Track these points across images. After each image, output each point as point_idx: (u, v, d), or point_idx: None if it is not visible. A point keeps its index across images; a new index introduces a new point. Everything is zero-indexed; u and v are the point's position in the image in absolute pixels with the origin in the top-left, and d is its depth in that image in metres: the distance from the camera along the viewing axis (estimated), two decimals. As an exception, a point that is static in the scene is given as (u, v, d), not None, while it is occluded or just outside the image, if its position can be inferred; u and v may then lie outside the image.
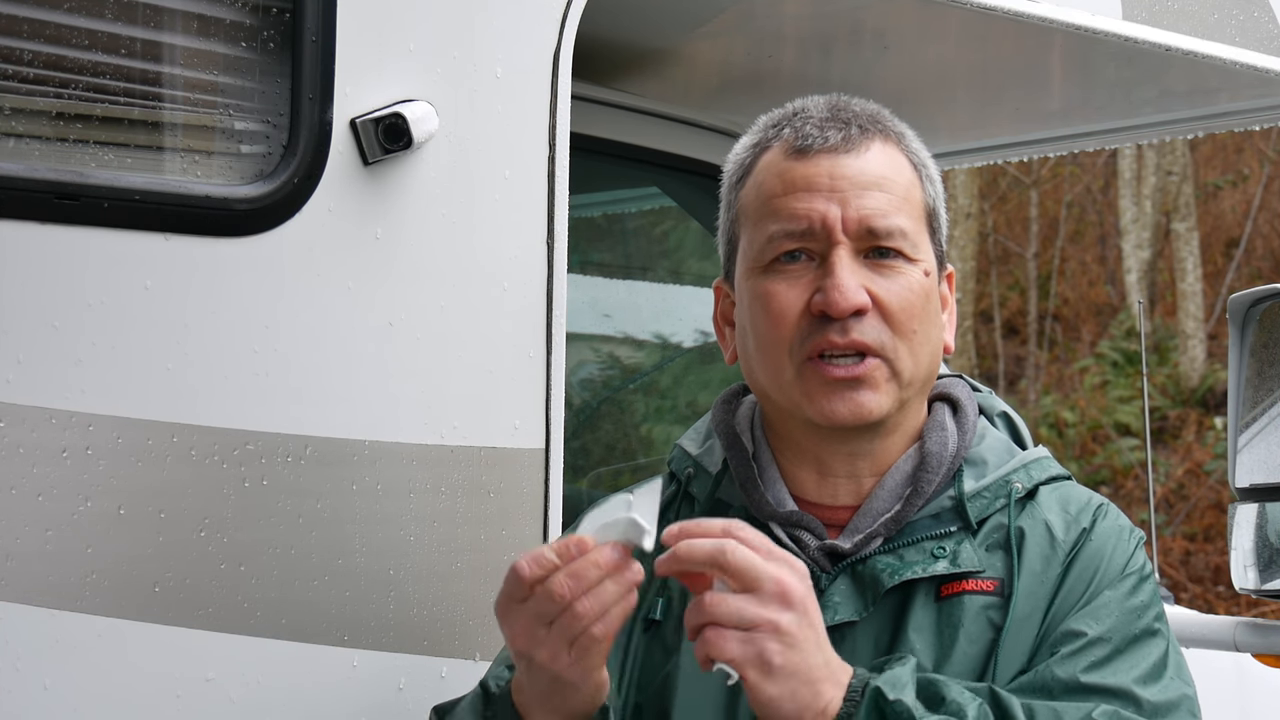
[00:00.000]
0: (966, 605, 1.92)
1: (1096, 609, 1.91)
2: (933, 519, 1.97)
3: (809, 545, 1.97)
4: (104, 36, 2.03)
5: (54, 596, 1.94)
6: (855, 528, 1.98)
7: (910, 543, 1.95)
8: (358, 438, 2.18)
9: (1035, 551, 1.95)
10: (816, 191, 1.95)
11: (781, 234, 1.96)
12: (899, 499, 1.99)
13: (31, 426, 1.92)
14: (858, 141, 1.98)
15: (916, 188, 2.01)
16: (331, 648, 2.16)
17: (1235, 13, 3.34)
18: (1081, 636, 1.88)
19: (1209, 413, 15.23)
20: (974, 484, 1.99)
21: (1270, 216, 17.84)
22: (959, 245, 16.52)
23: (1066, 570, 1.94)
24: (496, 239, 2.32)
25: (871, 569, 1.94)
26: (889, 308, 1.93)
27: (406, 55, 2.23)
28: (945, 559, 1.93)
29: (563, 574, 1.74)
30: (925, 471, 1.99)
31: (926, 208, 2.01)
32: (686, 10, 3.05)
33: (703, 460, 2.09)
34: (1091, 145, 4.24)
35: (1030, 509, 1.99)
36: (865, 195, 1.95)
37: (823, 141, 1.97)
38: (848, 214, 1.94)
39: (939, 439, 2.01)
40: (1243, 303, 3.33)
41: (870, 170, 1.96)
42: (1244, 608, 10.89)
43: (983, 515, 1.97)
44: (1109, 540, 1.97)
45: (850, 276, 1.92)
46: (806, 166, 1.97)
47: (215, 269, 2.07)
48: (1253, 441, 3.30)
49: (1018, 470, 2.01)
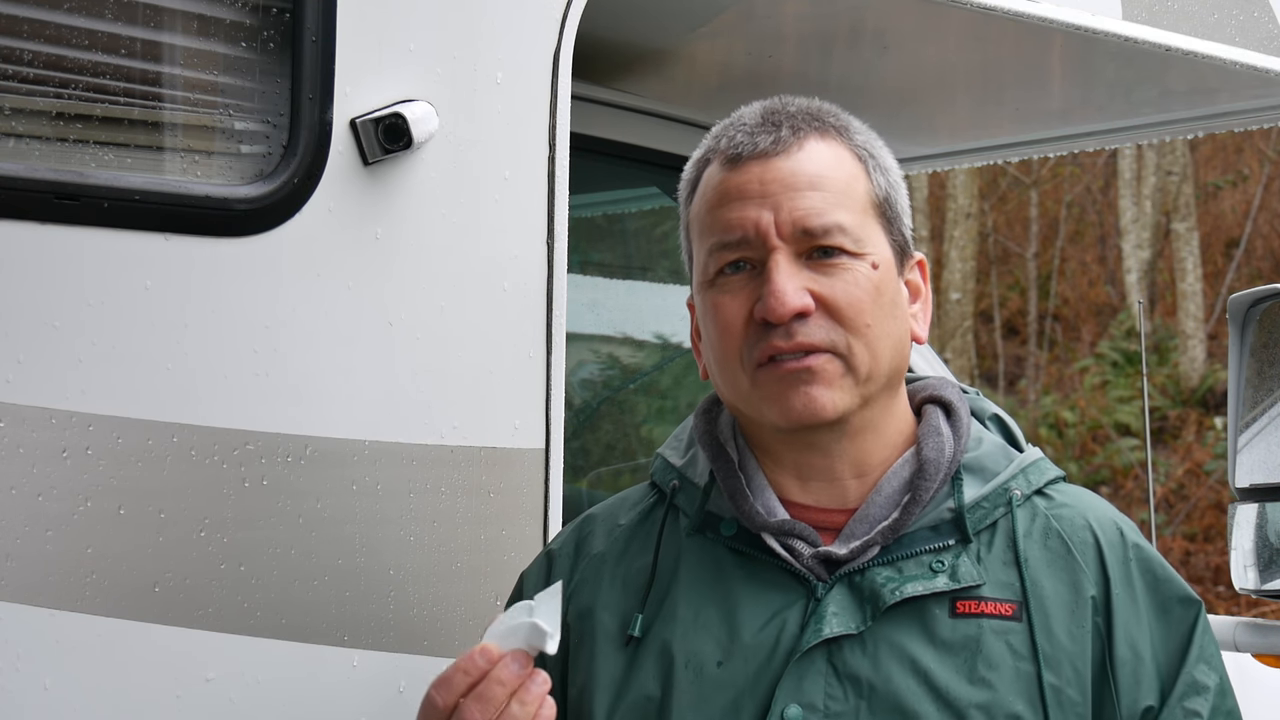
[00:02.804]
0: (984, 628, 1.89)
1: (1203, 654, 1.94)
2: (931, 530, 1.94)
3: (803, 554, 1.94)
4: (104, 36, 2.03)
5: (54, 596, 1.94)
6: (850, 534, 1.96)
7: (908, 555, 1.92)
8: (358, 438, 2.18)
9: (1048, 568, 1.93)
10: (749, 199, 1.94)
11: (719, 246, 1.95)
12: (896, 506, 1.96)
13: (31, 426, 1.92)
14: (788, 143, 1.96)
15: (860, 179, 1.97)
16: (331, 648, 2.16)
17: (1235, 13, 3.34)
18: (1207, 690, 1.92)
19: (1209, 413, 15.23)
20: (974, 493, 1.96)
21: (1270, 216, 17.85)
22: (959, 245, 16.53)
23: (1108, 592, 1.93)
24: (496, 239, 2.32)
25: (870, 581, 1.91)
26: (835, 306, 1.91)
27: (406, 55, 2.23)
28: (945, 574, 1.91)
29: (470, 700, 1.77)
30: (923, 479, 1.96)
31: (875, 198, 1.98)
32: (686, 10, 3.05)
33: (687, 472, 2.06)
34: (1091, 145, 4.24)
35: (1034, 516, 1.97)
36: (798, 197, 1.93)
37: (752, 148, 1.96)
38: (780, 218, 1.92)
39: (935, 445, 1.99)
40: (1243, 303, 3.33)
41: (802, 170, 1.94)
42: (1244, 608, 10.89)
43: (980, 526, 1.95)
44: (1144, 555, 1.98)
45: (788, 281, 1.90)
46: (738, 175, 1.96)
47: (215, 269, 2.07)
48: (1253, 441, 3.30)
49: (1015, 476, 1.99)
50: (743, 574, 1.96)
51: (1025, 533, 1.95)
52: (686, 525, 2.02)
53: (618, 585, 2.02)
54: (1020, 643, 1.89)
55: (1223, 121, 3.87)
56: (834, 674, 1.88)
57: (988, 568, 1.92)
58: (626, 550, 2.04)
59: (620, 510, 2.11)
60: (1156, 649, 1.92)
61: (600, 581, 2.03)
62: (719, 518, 2.00)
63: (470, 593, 2.28)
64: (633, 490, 2.14)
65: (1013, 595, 1.91)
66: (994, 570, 1.92)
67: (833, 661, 1.88)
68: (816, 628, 1.88)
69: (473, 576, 2.28)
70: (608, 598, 2.01)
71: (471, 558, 2.29)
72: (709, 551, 1.99)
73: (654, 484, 2.11)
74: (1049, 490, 2.01)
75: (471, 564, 2.28)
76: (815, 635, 1.88)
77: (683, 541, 2.01)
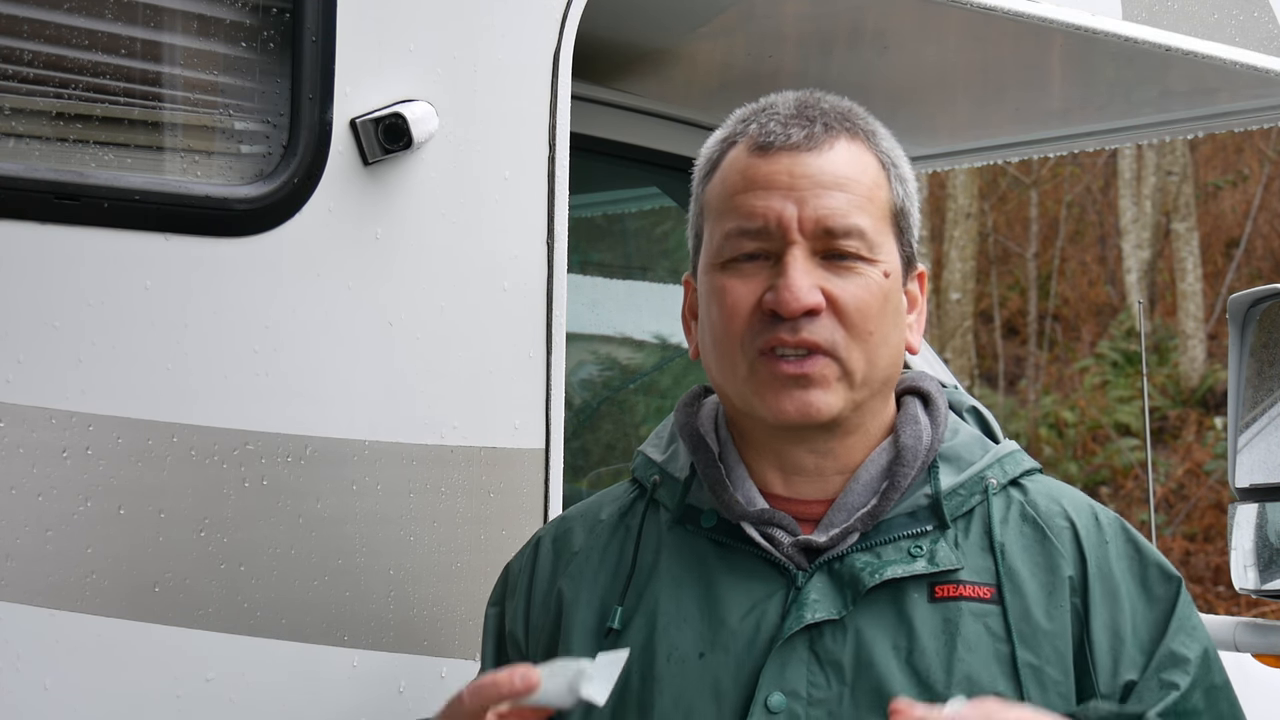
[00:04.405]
0: (964, 610, 1.91)
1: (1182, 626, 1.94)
2: (909, 517, 1.96)
3: (782, 543, 1.95)
4: (104, 36, 2.04)
5: (54, 596, 1.94)
6: (830, 522, 1.97)
7: (887, 540, 1.94)
8: (358, 438, 2.18)
9: (1023, 553, 1.95)
10: (775, 190, 1.94)
11: (738, 231, 1.95)
12: (874, 493, 1.98)
13: (31, 426, 1.93)
14: (821, 139, 1.95)
15: (882, 187, 1.98)
16: (331, 648, 2.16)
17: (1235, 13, 3.34)
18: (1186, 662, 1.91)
19: (1209, 413, 15.23)
20: (950, 480, 1.98)
21: (1270, 216, 17.85)
22: (959, 245, 16.52)
23: (1085, 572, 1.94)
24: (496, 239, 2.33)
25: (850, 567, 1.93)
26: (844, 308, 1.92)
27: (406, 55, 2.23)
28: (923, 558, 1.93)
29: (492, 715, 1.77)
30: (901, 466, 1.98)
31: (893, 207, 1.99)
32: (686, 10, 3.05)
33: (668, 467, 2.06)
34: (1091, 145, 4.24)
35: (1009, 504, 1.99)
36: (824, 195, 1.93)
37: (785, 139, 1.95)
38: (804, 213, 1.92)
39: (913, 432, 2.00)
40: (1243, 303, 3.34)
41: (831, 169, 1.94)
42: (1244, 608, 10.89)
43: (957, 512, 1.97)
44: (1122, 537, 1.99)
45: (803, 277, 1.90)
46: (768, 164, 1.95)
47: (215, 269, 2.07)
48: (1253, 441, 3.30)
49: (991, 466, 2.01)
50: (723, 565, 1.97)
51: (1001, 519, 1.97)
52: (667, 518, 2.03)
53: (600, 579, 2.02)
54: (997, 625, 1.91)
55: (1223, 121, 3.87)
56: (815, 660, 1.89)
57: (965, 553, 1.94)
58: (607, 545, 2.05)
59: (600, 507, 2.11)
60: (1138, 626, 1.94)
61: (581, 577, 2.03)
62: (699, 510, 2.01)
63: (470, 593, 2.28)
64: (612, 488, 2.14)
65: (990, 579, 1.93)
66: (971, 556, 1.95)
67: (814, 648, 1.89)
68: (798, 614, 1.90)
69: (473, 576, 2.28)
70: (588, 593, 2.01)
71: (471, 558, 2.29)
72: (689, 543, 2.00)
73: (635, 480, 2.11)
74: (1024, 481, 2.02)
75: (471, 564, 2.29)
76: (797, 622, 1.89)
77: (663, 535, 2.02)
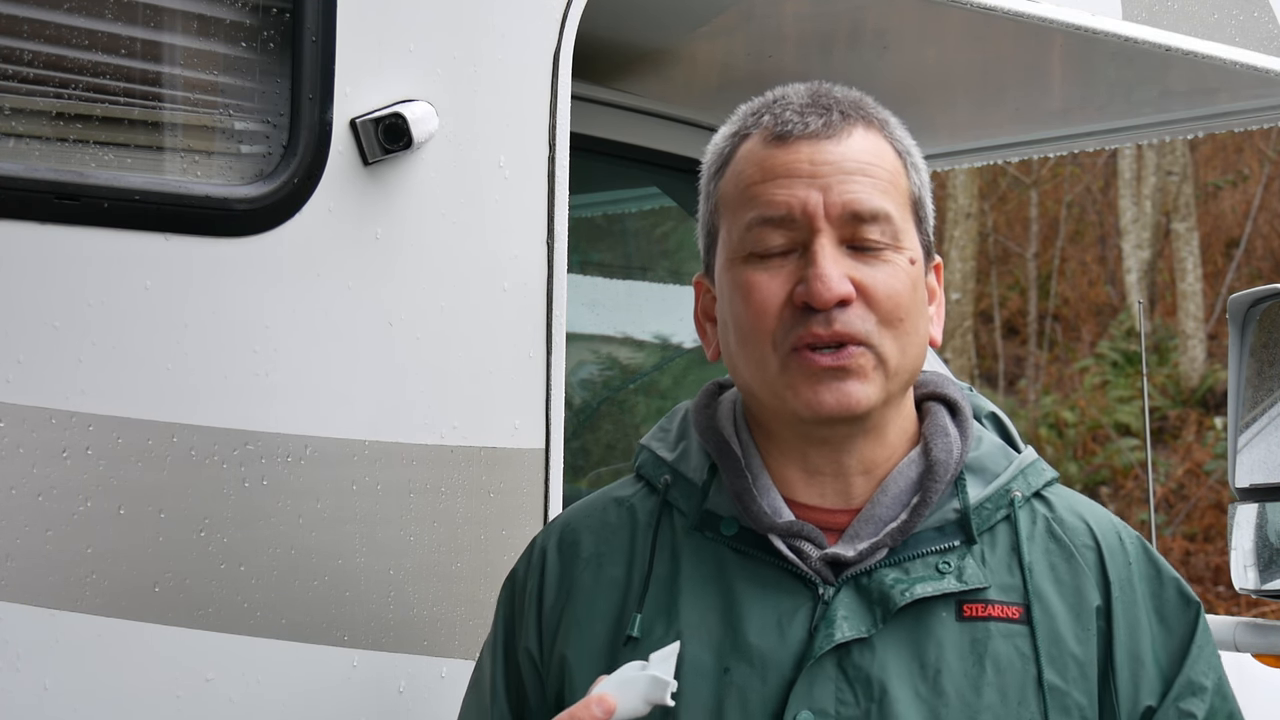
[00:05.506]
0: (992, 631, 1.87)
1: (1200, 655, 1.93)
2: (937, 531, 1.91)
3: (810, 556, 1.90)
4: (104, 36, 2.04)
5: (54, 596, 1.94)
6: (856, 534, 1.92)
7: (915, 556, 1.90)
8: (358, 438, 2.18)
9: (1050, 572, 1.92)
10: (797, 178, 1.89)
11: (760, 221, 1.90)
12: (904, 507, 1.92)
13: (31, 426, 1.93)
14: (839, 127, 1.92)
15: (901, 175, 1.95)
16: (331, 648, 2.16)
17: (1235, 13, 3.34)
18: (1204, 691, 1.90)
19: (1209, 413, 15.23)
20: (977, 494, 1.94)
21: (1270, 216, 17.85)
22: (959, 245, 16.52)
23: (1109, 596, 1.93)
24: (496, 239, 2.32)
25: (879, 583, 1.88)
26: (875, 296, 1.87)
27: (406, 55, 2.23)
28: (952, 574, 1.88)
29: None
30: (933, 480, 1.92)
31: (912, 196, 1.96)
32: (686, 10, 3.05)
33: (680, 467, 2.00)
34: (1091, 145, 4.24)
35: (1035, 519, 1.95)
36: (848, 180, 1.89)
37: (803, 128, 1.91)
38: (830, 200, 1.88)
39: (944, 445, 1.95)
40: (1243, 303, 3.33)
41: (853, 156, 1.91)
42: (1244, 608, 10.89)
43: (984, 527, 1.92)
44: (1144, 559, 1.98)
45: (833, 266, 1.86)
46: (786, 153, 1.91)
47: (215, 269, 2.07)
48: (1253, 441, 3.30)
49: (1016, 478, 1.97)
50: (744, 574, 1.92)
51: (1028, 536, 1.93)
52: (683, 523, 1.97)
53: (615, 585, 1.96)
54: (1026, 646, 1.87)
55: (1223, 121, 3.87)
56: (844, 678, 1.85)
57: (992, 570, 1.90)
58: (619, 549, 1.98)
59: (603, 508, 2.04)
60: (1158, 651, 1.92)
61: (594, 584, 1.97)
62: (718, 516, 1.95)
63: (470, 593, 2.28)
64: (611, 487, 2.07)
65: (1018, 598, 1.89)
66: (998, 573, 1.91)
67: (842, 666, 1.85)
68: (828, 633, 1.85)
69: (473, 576, 2.28)
70: (604, 600, 1.96)
71: (471, 558, 2.29)
72: (709, 550, 1.94)
73: (641, 477, 2.04)
74: (1046, 493, 1.99)
75: (471, 564, 2.28)
76: (827, 640, 1.85)
77: (679, 539, 1.96)
